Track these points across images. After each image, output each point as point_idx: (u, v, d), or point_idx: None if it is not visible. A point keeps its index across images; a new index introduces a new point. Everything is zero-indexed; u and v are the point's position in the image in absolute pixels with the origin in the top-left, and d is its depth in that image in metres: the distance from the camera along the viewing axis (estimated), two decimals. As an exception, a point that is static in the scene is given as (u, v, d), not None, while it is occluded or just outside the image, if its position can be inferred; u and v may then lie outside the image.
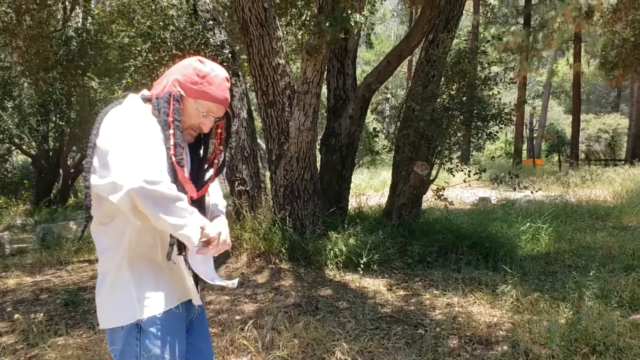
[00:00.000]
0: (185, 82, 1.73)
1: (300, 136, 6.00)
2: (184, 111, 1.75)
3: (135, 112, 1.67)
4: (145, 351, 1.73)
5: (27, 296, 5.52)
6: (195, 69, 1.75)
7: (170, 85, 1.74)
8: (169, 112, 1.70)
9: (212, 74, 1.77)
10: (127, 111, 1.67)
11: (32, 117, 14.45)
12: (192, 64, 1.76)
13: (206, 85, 1.74)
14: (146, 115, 1.69)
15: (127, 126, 1.60)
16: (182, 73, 1.75)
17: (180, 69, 1.76)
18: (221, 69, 1.82)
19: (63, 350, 3.73)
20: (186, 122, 1.78)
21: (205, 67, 1.76)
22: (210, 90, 1.75)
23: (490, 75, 6.64)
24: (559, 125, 40.05)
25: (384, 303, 4.82)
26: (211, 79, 1.76)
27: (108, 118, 1.67)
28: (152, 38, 6.58)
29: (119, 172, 1.51)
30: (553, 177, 17.09)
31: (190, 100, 1.74)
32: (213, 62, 1.82)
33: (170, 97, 1.71)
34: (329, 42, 5.53)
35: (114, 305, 1.75)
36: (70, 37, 12.68)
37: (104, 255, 1.75)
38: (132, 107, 1.70)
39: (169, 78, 1.76)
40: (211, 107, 1.77)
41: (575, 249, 6.77)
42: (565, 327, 3.70)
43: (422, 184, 6.72)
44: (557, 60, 35.85)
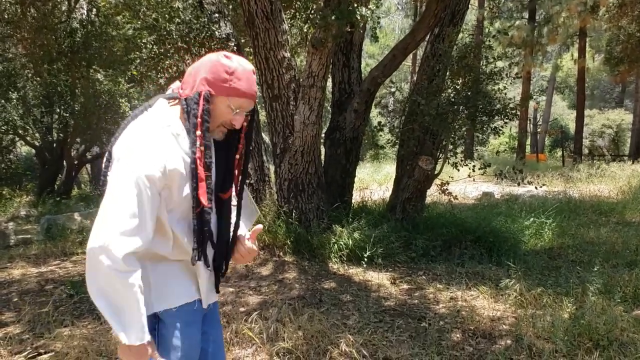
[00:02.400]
0: (214, 80, 1.69)
1: (305, 130, 6.01)
2: (215, 110, 1.72)
3: (153, 137, 1.62)
4: (162, 342, 1.76)
5: (33, 287, 5.55)
6: (223, 66, 1.70)
7: (199, 85, 1.69)
8: (198, 113, 1.67)
9: (240, 69, 1.72)
10: (145, 135, 1.62)
11: (36, 109, 14.46)
12: (219, 60, 1.71)
13: (236, 81, 1.70)
14: (164, 137, 1.65)
15: (134, 168, 1.57)
16: (210, 71, 1.70)
17: (208, 66, 1.71)
18: (247, 62, 1.78)
19: (69, 341, 3.75)
20: (217, 120, 1.75)
21: (233, 63, 1.71)
22: (241, 86, 1.72)
23: (495, 70, 6.62)
24: (563, 121, 39.96)
25: (387, 296, 4.84)
26: (240, 74, 1.72)
27: (125, 139, 1.64)
28: (157, 30, 6.59)
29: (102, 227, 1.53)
30: (556, 172, 17.07)
31: (221, 98, 1.71)
32: (238, 56, 1.77)
33: (200, 97, 1.67)
34: (334, 36, 5.52)
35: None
36: (74, 28, 12.64)
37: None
38: (154, 127, 1.66)
39: (197, 77, 1.71)
40: (242, 102, 1.74)
41: (579, 244, 6.78)
42: (568, 322, 3.72)
43: (426, 178, 6.73)
44: (561, 55, 35.66)
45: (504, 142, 35.29)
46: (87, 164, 19.82)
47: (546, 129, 35.27)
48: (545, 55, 27.74)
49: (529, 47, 23.08)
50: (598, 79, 43.71)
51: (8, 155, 16.43)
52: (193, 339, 1.83)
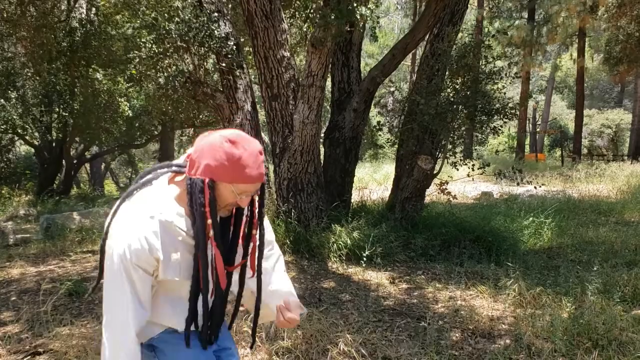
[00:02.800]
0: (216, 167, 1.62)
1: (304, 129, 6.01)
2: (219, 195, 1.67)
3: (141, 226, 1.65)
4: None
5: (31, 286, 5.55)
6: (226, 153, 1.61)
7: (202, 170, 1.63)
8: (205, 202, 1.63)
9: (245, 155, 1.63)
10: (133, 224, 1.65)
11: (35, 108, 14.46)
12: (222, 146, 1.62)
13: (240, 168, 1.62)
14: (155, 222, 1.67)
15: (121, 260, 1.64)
16: (214, 157, 1.62)
17: (211, 152, 1.63)
18: (253, 143, 1.68)
19: (68, 340, 3.75)
20: (222, 204, 1.70)
21: (237, 149, 1.63)
22: (245, 173, 1.63)
23: (494, 70, 6.63)
24: (562, 120, 40.01)
25: (386, 296, 4.84)
26: (245, 160, 1.63)
27: (118, 222, 1.69)
28: (156, 29, 6.56)
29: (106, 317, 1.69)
30: (555, 172, 17.08)
31: (224, 184, 1.65)
32: (244, 137, 1.68)
33: (205, 185, 1.62)
34: (334, 35, 5.52)
35: None
36: (74, 28, 12.66)
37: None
38: (144, 215, 1.67)
39: (201, 161, 1.64)
40: (247, 187, 1.67)
41: (578, 243, 6.79)
42: (567, 322, 3.72)
43: (425, 177, 6.73)
44: (560, 55, 35.67)
45: (503, 142, 35.33)
46: (86, 163, 19.84)
47: (545, 128, 35.32)
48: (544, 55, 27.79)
49: (528, 46, 23.10)
50: (597, 78, 43.73)
51: (7, 155, 16.46)
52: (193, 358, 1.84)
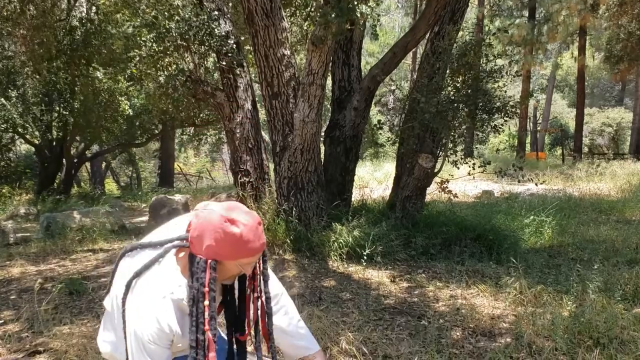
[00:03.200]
0: (220, 249, 1.65)
1: (304, 128, 6.00)
2: (222, 270, 1.71)
3: (157, 306, 1.70)
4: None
5: (31, 285, 5.54)
6: (227, 234, 1.64)
7: (205, 251, 1.66)
8: (205, 282, 1.65)
9: (245, 231, 1.66)
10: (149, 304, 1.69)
11: (35, 107, 14.45)
12: (222, 227, 1.65)
13: (242, 245, 1.66)
14: (168, 304, 1.71)
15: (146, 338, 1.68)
16: (215, 239, 1.64)
17: (212, 233, 1.65)
18: (251, 216, 1.72)
19: (68, 339, 3.74)
20: (226, 275, 1.76)
21: (237, 228, 1.65)
22: (248, 248, 1.67)
23: (495, 68, 6.61)
24: (563, 119, 39.98)
25: (387, 294, 4.84)
26: (246, 236, 1.66)
27: (136, 303, 1.71)
28: (156, 28, 6.55)
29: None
30: (556, 170, 17.07)
31: (227, 261, 1.69)
32: (241, 212, 1.72)
33: (207, 266, 1.65)
34: (334, 33, 5.51)
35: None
36: (74, 26, 12.66)
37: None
38: (157, 295, 1.71)
39: (203, 240, 1.66)
40: (250, 260, 1.72)
41: (579, 242, 6.78)
42: (568, 320, 3.71)
43: (426, 176, 6.72)
44: (561, 53, 35.61)
45: (504, 141, 35.31)
46: (86, 162, 19.83)
47: (546, 127, 35.29)
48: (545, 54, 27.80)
49: (529, 45, 23.10)
50: (598, 77, 43.70)
51: (7, 154, 16.45)
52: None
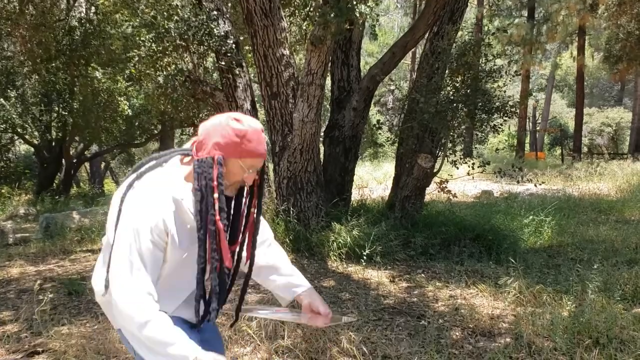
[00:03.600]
0: (226, 144, 1.74)
1: (303, 128, 5.99)
2: (228, 171, 1.78)
3: (155, 204, 1.71)
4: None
5: (31, 285, 5.53)
6: (233, 130, 1.74)
7: (211, 149, 1.74)
8: (213, 176, 1.73)
9: (251, 130, 1.76)
10: (149, 200, 1.71)
11: (35, 107, 14.45)
12: (229, 124, 1.75)
13: (247, 143, 1.75)
14: (168, 200, 1.73)
15: (138, 232, 1.68)
16: (221, 135, 1.74)
17: (218, 130, 1.75)
18: (255, 121, 1.82)
19: (67, 339, 3.74)
20: (231, 180, 1.81)
21: (243, 125, 1.76)
22: (252, 148, 1.76)
23: (494, 68, 6.61)
24: (562, 119, 40.00)
25: (386, 294, 4.83)
26: (250, 135, 1.76)
27: (134, 197, 1.73)
28: (156, 28, 6.56)
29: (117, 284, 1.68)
30: (555, 170, 17.07)
31: (233, 160, 1.76)
32: (246, 116, 1.82)
33: (214, 161, 1.73)
34: (333, 33, 5.51)
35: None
36: (73, 26, 12.65)
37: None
38: (159, 190, 1.74)
39: (209, 141, 1.75)
40: (254, 162, 1.79)
41: (578, 242, 6.77)
42: (568, 320, 3.71)
43: (425, 176, 6.72)
44: (560, 53, 35.61)
45: (503, 141, 35.31)
46: (85, 162, 19.82)
47: (545, 127, 35.28)
48: (544, 54, 27.81)
49: (528, 45, 23.10)
50: (597, 77, 43.70)
51: (7, 154, 16.45)
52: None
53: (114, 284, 1.67)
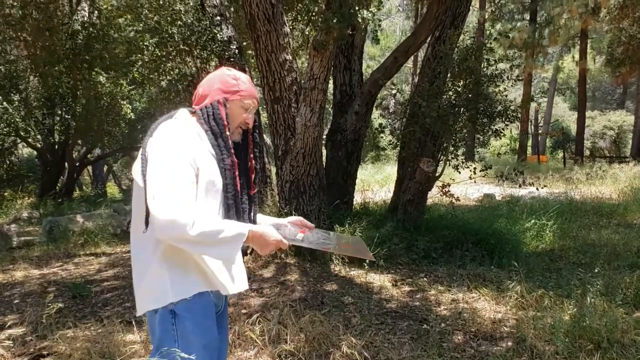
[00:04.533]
0: (227, 88, 2.00)
1: (306, 132, 6.02)
2: (231, 113, 2.00)
3: (181, 135, 1.87)
4: (182, 337, 1.85)
5: (35, 289, 5.58)
6: (230, 76, 2.02)
7: (214, 95, 1.99)
8: (222, 116, 1.96)
9: (243, 77, 2.06)
10: (174, 133, 1.87)
11: (38, 111, 14.48)
12: (224, 72, 2.03)
13: (243, 85, 2.02)
14: (191, 134, 1.90)
15: (172, 154, 1.80)
16: (221, 81, 2.01)
17: (217, 79, 2.01)
18: (243, 73, 2.14)
19: (72, 343, 3.77)
20: (235, 122, 2.03)
21: (236, 72, 2.05)
22: (247, 88, 2.03)
23: (496, 72, 6.64)
24: (564, 122, 39.93)
25: (389, 298, 4.85)
26: (243, 80, 2.04)
27: (157, 136, 1.87)
28: (159, 33, 6.60)
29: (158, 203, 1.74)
30: (557, 174, 17.07)
31: (235, 101, 2.00)
32: (236, 70, 2.11)
33: (220, 104, 1.97)
34: (336, 38, 5.54)
35: (148, 290, 1.88)
36: (76, 30, 12.69)
37: (146, 240, 1.88)
38: (180, 127, 1.91)
39: (210, 90, 2.00)
40: (251, 102, 2.05)
41: (580, 246, 6.79)
42: (569, 324, 3.73)
43: (427, 180, 6.74)
44: (562, 56, 35.61)
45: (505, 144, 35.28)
46: (88, 165, 19.88)
47: (547, 130, 35.24)
48: (546, 57, 27.81)
49: (530, 48, 23.11)
50: (599, 80, 43.69)
51: (10, 157, 16.46)
52: (212, 334, 1.94)
53: (156, 204, 1.73)
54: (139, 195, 1.88)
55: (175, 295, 1.84)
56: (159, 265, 1.85)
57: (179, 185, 1.76)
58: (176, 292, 1.84)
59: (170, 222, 1.70)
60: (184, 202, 1.74)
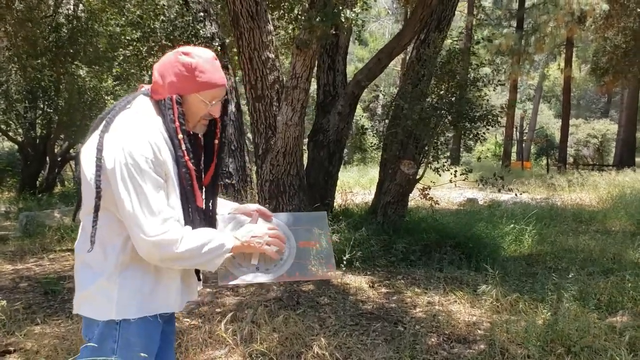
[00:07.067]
0: (179, 81, 1.71)
1: (287, 131, 5.99)
2: (189, 109, 1.75)
3: (143, 136, 1.64)
4: (122, 347, 1.73)
5: (7, 284, 5.48)
6: (184, 65, 1.71)
7: (167, 89, 1.72)
8: (174, 117, 1.70)
9: (202, 61, 1.72)
10: (136, 134, 1.64)
11: (19, 104, 14.29)
12: (177, 59, 1.72)
13: (200, 75, 1.71)
14: (153, 131, 1.68)
15: (138, 168, 1.61)
16: (173, 73, 1.72)
17: (169, 69, 1.73)
18: (205, 50, 1.78)
19: (40, 339, 3.70)
20: (196, 117, 1.78)
21: (192, 58, 1.72)
22: (207, 79, 1.72)
23: (479, 77, 6.66)
24: (549, 129, 40.30)
25: (365, 300, 4.83)
26: (202, 67, 1.72)
27: (116, 137, 1.64)
28: (142, 27, 6.54)
29: (140, 228, 1.61)
30: (540, 180, 17.19)
31: (192, 96, 1.73)
32: (195, 47, 1.78)
33: (172, 102, 1.70)
34: (319, 38, 5.52)
35: (93, 299, 1.73)
36: (60, 23, 12.55)
37: (99, 246, 1.70)
38: (141, 124, 1.68)
39: (164, 82, 1.73)
40: (214, 93, 1.76)
41: (557, 251, 6.82)
42: (542, 328, 3.73)
43: (408, 182, 6.73)
44: (548, 64, 35.95)
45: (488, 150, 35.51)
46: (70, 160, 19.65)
47: (532, 137, 35.56)
48: (532, 64, 28.02)
49: (516, 55, 23.30)
50: (584, 88, 44.17)
51: (-11, 150, 16.24)
52: (150, 355, 1.81)
53: (134, 227, 1.61)
54: (88, 192, 1.70)
55: (118, 313, 1.70)
56: (108, 278, 1.70)
57: (156, 203, 1.62)
58: (121, 312, 1.70)
59: (157, 244, 1.61)
60: (164, 222, 1.62)
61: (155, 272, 1.76)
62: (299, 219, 2.12)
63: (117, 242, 1.70)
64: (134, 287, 1.72)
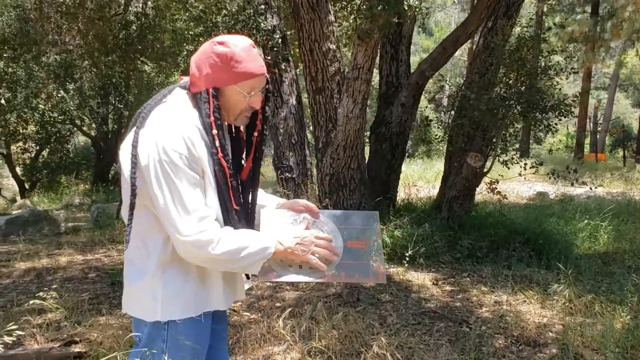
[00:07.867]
0: (215, 73, 1.63)
1: (348, 124, 5.88)
2: (227, 102, 1.67)
3: (178, 132, 1.58)
4: (171, 347, 1.70)
5: (77, 274, 5.65)
6: (218, 55, 1.62)
7: (203, 82, 1.64)
8: (209, 112, 1.62)
9: (237, 50, 1.62)
10: (171, 130, 1.58)
11: (92, 100, 14.87)
12: (212, 50, 1.63)
13: (236, 65, 1.62)
14: (189, 127, 1.61)
15: (174, 164, 1.56)
16: (208, 64, 1.63)
17: (204, 60, 1.64)
18: (242, 38, 1.68)
19: (104, 330, 3.76)
20: (236, 110, 1.70)
21: (227, 47, 1.62)
22: (244, 69, 1.63)
23: (550, 65, 6.32)
24: (626, 119, 38.41)
25: (428, 298, 4.68)
26: (238, 56, 1.62)
27: (150, 133, 1.59)
28: (204, 22, 6.59)
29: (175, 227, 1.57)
30: (616, 173, 16.34)
31: (229, 88, 1.65)
32: (232, 36, 1.68)
33: (208, 95, 1.63)
34: (381, 27, 5.37)
35: (140, 298, 1.70)
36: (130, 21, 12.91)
37: (141, 244, 1.69)
38: (176, 118, 1.61)
39: (200, 75, 1.64)
40: (252, 83, 1.67)
41: (637, 249, 6.40)
42: (621, 333, 3.48)
43: (475, 175, 6.49)
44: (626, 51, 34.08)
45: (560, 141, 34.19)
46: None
47: (607, 127, 33.90)
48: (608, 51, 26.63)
49: (590, 42, 22.22)
50: (665, 76, 41.71)
51: (66, 145, 16.98)
52: (199, 356, 1.78)
53: (169, 226, 1.56)
54: (126, 189, 1.66)
55: (164, 315, 1.66)
56: (152, 277, 1.66)
57: (191, 200, 1.56)
58: (166, 313, 1.67)
59: (193, 244, 1.55)
60: (200, 221, 1.56)
61: (198, 272, 1.71)
62: (349, 217, 1.98)
63: (158, 240, 1.66)
64: (176, 287, 1.68)
